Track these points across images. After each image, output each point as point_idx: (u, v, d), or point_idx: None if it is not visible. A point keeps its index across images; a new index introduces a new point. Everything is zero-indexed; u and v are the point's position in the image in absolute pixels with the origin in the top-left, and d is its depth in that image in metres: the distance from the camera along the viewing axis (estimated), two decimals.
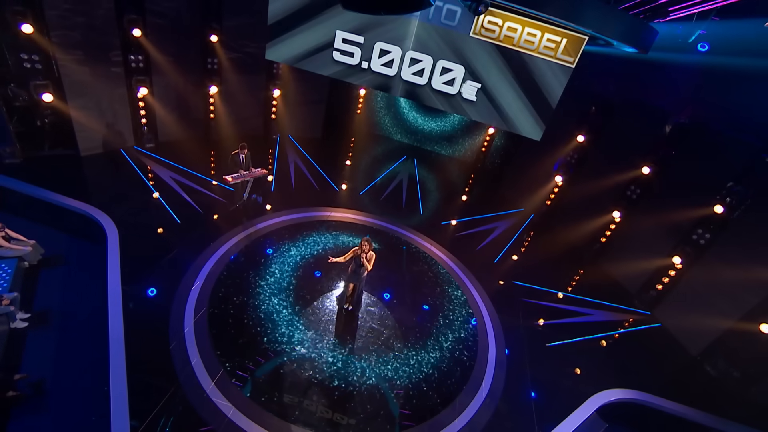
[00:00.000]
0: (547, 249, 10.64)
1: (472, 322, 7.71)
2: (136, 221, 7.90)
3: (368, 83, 5.50)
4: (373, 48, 5.13)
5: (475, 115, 5.43)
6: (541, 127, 5.47)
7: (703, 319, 8.12)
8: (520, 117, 5.41)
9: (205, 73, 10.86)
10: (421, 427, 5.60)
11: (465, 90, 5.26)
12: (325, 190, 10.94)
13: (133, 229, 7.58)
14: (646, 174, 9.40)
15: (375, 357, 6.42)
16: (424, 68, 5.19)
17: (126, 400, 4.86)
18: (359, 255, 6.32)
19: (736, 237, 7.92)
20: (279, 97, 12.25)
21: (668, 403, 6.96)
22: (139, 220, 8.00)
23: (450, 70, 5.14)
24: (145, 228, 7.86)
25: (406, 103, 14.83)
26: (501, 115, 5.39)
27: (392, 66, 5.21)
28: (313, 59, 5.49)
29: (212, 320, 6.31)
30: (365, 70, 5.34)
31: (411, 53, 5.09)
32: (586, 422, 6.25)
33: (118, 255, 6.89)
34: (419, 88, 5.36)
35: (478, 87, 5.19)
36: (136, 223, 7.84)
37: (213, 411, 5.06)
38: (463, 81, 5.19)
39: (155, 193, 8.87)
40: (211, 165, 10.66)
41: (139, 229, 7.75)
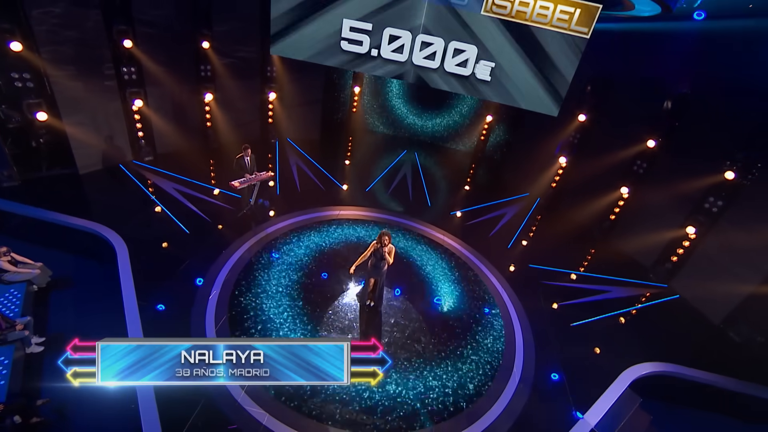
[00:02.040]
0: (558, 230, 10.55)
1: (495, 308, 7.58)
2: (145, 235, 7.66)
3: (379, 71, 5.33)
4: (382, 34, 4.96)
5: (490, 95, 5.29)
6: (557, 103, 5.35)
7: (722, 286, 8.06)
8: (535, 94, 5.28)
9: (200, 81, 10.61)
10: (458, 417, 5.46)
11: (479, 70, 5.12)
12: (331, 189, 10.75)
13: (142, 244, 7.34)
14: (652, 147, 9.34)
15: (403, 351, 6.26)
16: (435, 51, 5.04)
17: (157, 417, 4.65)
18: (378, 249, 6.17)
19: (748, 201, 7.87)
20: (275, 100, 12.04)
21: (698, 373, 6.90)
22: (147, 234, 7.76)
23: (462, 51, 4.99)
24: (155, 241, 7.62)
25: (401, 96, 14.67)
26: (516, 93, 5.26)
27: (403, 51, 5.05)
28: (320, 50, 5.31)
29: (234, 327, 6.11)
30: (375, 57, 5.17)
31: (422, 37, 4.93)
32: (621, 398, 6.16)
33: (130, 271, 6.66)
34: (432, 73, 5.21)
35: (492, 66, 5.05)
36: (144, 237, 7.60)
37: (247, 419, 4.87)
38: (477, 61, 5.05)
39: (160, 205, 8.62)
40: (211, 174, 10.40)
41: (149, 242, 7.52)
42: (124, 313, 5.86)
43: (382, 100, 14.80)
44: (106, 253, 7.08)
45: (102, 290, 6.41)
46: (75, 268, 6.91)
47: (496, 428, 5.39)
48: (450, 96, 14.34)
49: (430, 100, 14.46)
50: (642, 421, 5.95)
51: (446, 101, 14.49)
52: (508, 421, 5.52)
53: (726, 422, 6.35)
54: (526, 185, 12.40)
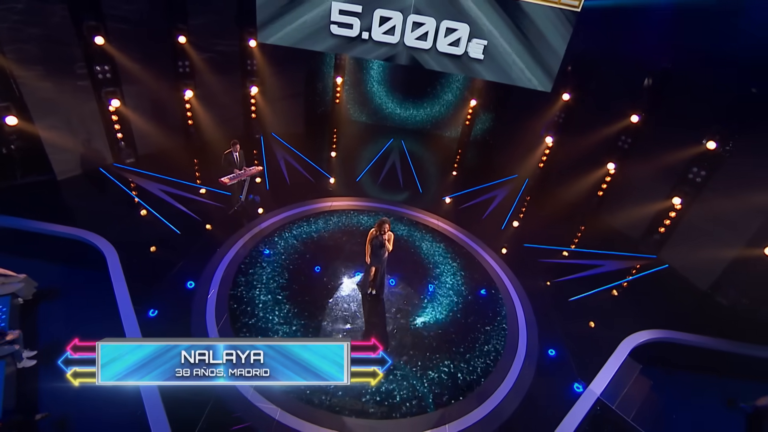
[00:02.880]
0: (549, 209, 10.70)
1: (494, 288, 7.64)
2: (134, 239, 7.37)
3: (371, 55, 5.19)
4: (372, 16, 4.83)
5: (483, 73, 5.23)
6: (550, 78, 5.33)
7: (708, 253, 8.31)
8: (528, 70, 5.24)
9: (178, 78, 10.20)
10: (469, 397, 5.49)
11: (471, 49, 5.04)
12: (321, 181, 10.59)
13: (132, 248, 7.07)
14: (635, 122, 9.50)
15: (408, 336, 6.25)
16: (427, 31, 4.94)
17: (166, 422, 4.51)
18: (378, 236, 6.10)
19: (730, 169, 8.10)
20: (257, 94, 11.71)
21: (691, 337, 7.14)
22: (136, 237, 7.46)
23: (454, 30, 4.90)
24: (145, 244, 7.34)
25: (383, 85, 14.48)
26: (510, 70, 5.21)
27: (394, 33, 4.93)
28: (309, 35, 5.14)
29: (236, 326, 5.96)
30: (366, 40, 5.04)
31: (413, 17, 4.82)
32: (622, 366, 6.31)
33: (123, 276, 6.40)
34: (424, 53, 5.11)
35: (484, 44, 4.98)
36: (134, 240, 7.31)
37: (259, 416, 4.77)
38: (469, 40, 4.97)
39: (147, 208, 8.29)
40: (197, 174, 10.06)
41: (139, 246, 7.24)
42: (120, 319, 5.64)
43: (364, 90, 14.59)
44: (95, 260, 6.78)
45: (94, 297, 6.14)
46: (62, 277, 6.58)
47: (507, 405, 5.44)
48: (433, 83, 14.26)
49: (413, 87, 14.35)
50: (643, 387, 6.12)
51: (429, 88, 14.40)
52: (517, 397, 5.59)
53: (720, 381, 6.58)
54: (514, 167, 12.49)
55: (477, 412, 5.27)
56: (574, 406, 5.48)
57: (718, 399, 6.20)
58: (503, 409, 5.38)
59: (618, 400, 5.75)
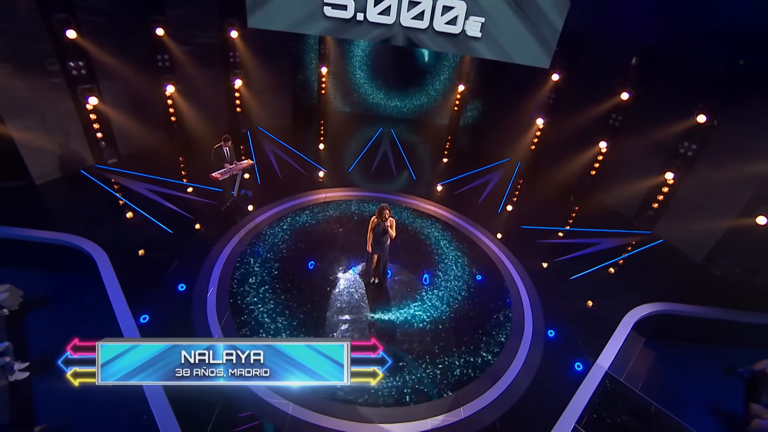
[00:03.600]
0: (543, 191, 10.83)
1: (496, 271, 7.67)
2: (125, 240, 7.11)
3: (366, 36, 5.07)
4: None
5: (482, 51, 5.16)
6: (548, 53, 5.29)
7: (702, 225, 8.49)
8: (527, 46, 5.19)
9: (158, 72, 9.83)
10: (483, 377, 5.52)
11: (469, 27, 4.96)
12: (313, 173, 10.43)
13: (124, 250, 6.82)
14: (625, 100, 9.60)
15: (415, 323, 6.23)
16: (423, 10, 4.84)
17: (176, 425, 4.39)
18: (379, 223, 6.02)
19: (720, 142, 8.26)
20: (242, 87, 11.41)
21: (690, 308, 7.32)
22: (127, 239, 7.20)
23: (451, 7, 4.81)
24: (137, 246, 7.08)
25: (369, 74, 14.29)
26: (508, 47, 5.15)
27: (390, 13, 4.81)
28: (301, 18, 4.98)
29: (239, 323, 5.83)
30: (361, 22, 4.90)
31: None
32: (626, 340, 6.43)
33: (116, 279, 6.19)
34: (421, 34, 5.01)
35: (482, 22, 4.90)
36: (125, 242, 7.05)
37: (271, 412, 4.69)
38: (466, 17, 4.89)
39: (135, 208, 8.01)
40: (182, 173, 9.74)
41: (131, 247, 6.99)
42: (117, 324, 5.45)
43: (349, 80, 14.38)
44: (84, 265, 6.52)
45: (87, 303, 5.91)
46: (50, 284, 6.31)
47: (519, 384, 5.49)
48: (418, 69, 14.13)
49: (399, 75, 14.22)
50: (648, 358, 6.25)
51: (415, 75, 14.27)
52: (528, 375, 5.64)
53: (719, 349, 6.77)
54: (506, 150, 12.55)
55: (489, 393, 5.30)
56: (583, 382, 5.56)
57: (717, 366, 6.39)
58: (515, 388, 5.42)
59: (625, 372, 5.86)
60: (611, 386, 5.52)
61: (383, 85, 14.53)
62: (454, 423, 4.85)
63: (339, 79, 14.26)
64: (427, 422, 4.82)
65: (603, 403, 5.24)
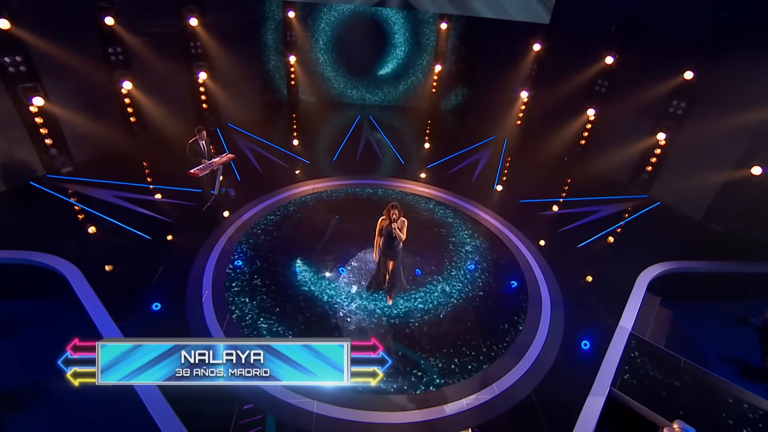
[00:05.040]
0: (535, 164, 11.12)
1: (503, 247, 7.75)
2: (98, 253, 6.66)
3: None
4: None
5: (482, 11, 5.19)
6: (547, 10, 5.38)
7: (698, 182, 8.91)
8: (525, 3, 5.26)
9: (112, 67, 9.32)
10: (510, 351, 5.55)
11: None
12: (296, 166, 10.20)
13: (98, 262, 6.40)
14: (610, 64, 9.95)
15: (432, 306, 6.18)
16: None
17: None
18: (388, 225, 5.40)
19: (707, 96, 8.69)
20: (207, 80, 11.01)
21: (698, 264, 7.68)
22: (100, 250, 6.74)
23: None
24: (113, 257, 6.64)
25: (337, 59, 14.15)
26: (508, 4, 5.20)
27: None
28: None
29: (242, 323, 5.59)
30: None
31: None
32: (643, 301, 6.64)
33: (94, 293, 5.78)
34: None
35: None
36: (98, 254, 6.61)
37: (295, 412, 4.51)
38: None
39: (105, 217, 7.52)
40: (148, 177, 9.27)
41: (106, 259, 6.55)
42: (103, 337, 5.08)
43: (320, 68, 14.21)
44: (53, 283, 6.06)
45: (63, 325, 5.48)
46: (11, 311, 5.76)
47: (547, 354, 5.55)
48: (392, 52, 14.12)
49: (372, 59, 14.18)
50: (667, 316, 6.48)
51: (388, 58, 14.26)
52: (554, 344, 5.71)
53: (730, 302, 7.14)
54: (492, 128, 12.77)
55: (519, 367, 5.33)
56: (610, 345, 5.69)
57: (730, 319, 6.72)
58: (544, 359, 5.48)
59: (648, 331, 6.05)
60: (638, 346, 5.67)
61: (355, 71, 14.44)
62: (489, 400, 4.84)
63: (308, 67, 14.04)
64: (462, 402, 4.78)
65: (633, 363, 5.37)
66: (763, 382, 5.57)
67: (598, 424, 4.64)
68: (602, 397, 4.91)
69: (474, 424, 4.54)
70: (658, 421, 4.63)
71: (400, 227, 5.41)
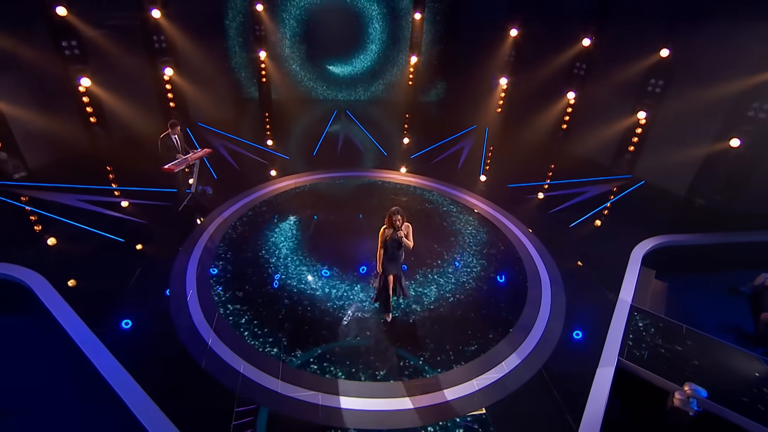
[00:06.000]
0: (520, 149, 11.40)
1: (496, 230, 7.86)
2: (65, 260, 6.28)
3: None
4: None
5: None
6: None
7: (679, 158, 9.33)
8: None
9: (67, 62, 8.91)
10: (516, 330, 5.59)
11: None
12: (274, 162, 10.04)
13: (66, 270, 6.03)
14: (587, 46, 10.33)
15: (435, 292, 6.18)
16: None
17: None
18: (393, 234, 4.93)
19: (683, 72, 9.14)
20: (174, 77, 10.71)
21: (688, 237, 8.03)
22: (66, 258, 6.36)
23: None
24: (83, 262, 6.27)
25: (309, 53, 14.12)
26: None
27: None
28: None
29: (234, 320, 5.40)
30: None
31: None
32: (639, 275, 6.86)
33: (66, 303, 5.43)
34: None
35: None
36: (64, 262, 6.24)
37: (301, 407, 4.38)
38: None
39: (70, 222, 7.11)
40: (113, 180, 8.90)
41: (75, 266, 6.19)
42: (81, 350, 4.78)
43: (292, 63, 14.12)
44: (18, 295, 5.67)
45: (34, 337, 5.14)
46: None
47: (552, 330, 5.63)
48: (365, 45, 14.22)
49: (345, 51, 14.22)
50: (662, 289, 6.73)
51: (362, 51, 14.34)
52: (559, 320, 5.81)
53: (720, 273, 7.50)
54: (473, 118, 13.02)
55: (526, 344, 5.38)
56: (613, 317, 5.83)
57: (721, 287, 7.05)
58: (550, 335, 5.55)
59: (648, 302, 6.25)
60: (640, 316, 5.84)
61: (329, 65, 14.42)
62: (500, 378, 4.85)
63: (280, 63, 13.92)
64: (473, 383, 4.77)
65: (637, 333, 5.51)
66: (759, 347, 5.83)
67: (610, 393, 4.72)
68: (611, 368, 5.00)
69: (486, 404, 4.53)
70: (668, 387, 4.77)
71: (406, 234, 5.00)
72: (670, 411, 4.53)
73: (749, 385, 4.79)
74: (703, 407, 4.48)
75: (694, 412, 4.37)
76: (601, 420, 4.38)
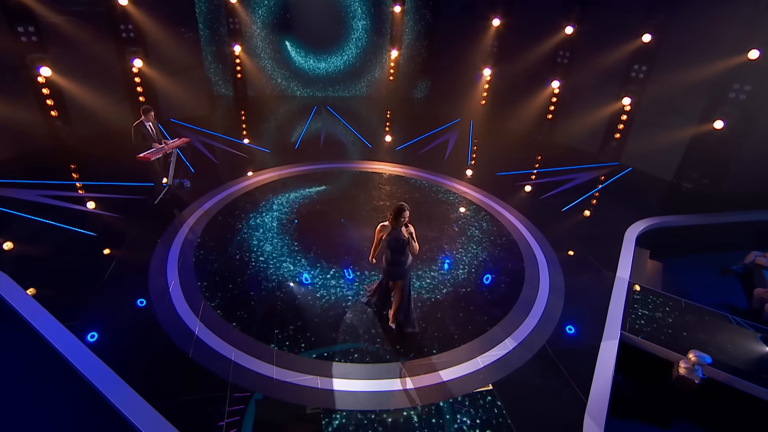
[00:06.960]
0: (506, 139, 11.71)
1: (489, 216, 7.97)
2: (31, 257, 5.99)
3: None
4: None
5: None
6: None
7: (664, 143, 9.72)
8: None
9: (24, 50, 8.57)
10: (516, 308, 5.65)
11: None
12: (255, 155, 9.93)
13: (32, 268, 5.73)
14: (570, 34, 10.70)
15: (434, 275, 6.19)
16: None
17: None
18: (399, 234, 4.37)
19: (665, 56, 9.55)
20: (143, 69, 10.46)
21: (679, 218, 8.37)
22: (33, 255, 6.06)
23: None
24: (50, 258, 5.99)
25: (286, 46, 14.13)
26: None
27: None
28: None
29: (223, 309, 5.25)
30: None
31: None
32: (635, 255, 7.07)
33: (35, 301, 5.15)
34: None
35: None
36: (31, 259, 5.95)
37: (298, 391, 4.27)
38: None
39: (32, 218, 6.79)
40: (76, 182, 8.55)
41: (41, 261, 5.90)
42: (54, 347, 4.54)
43: (267, 58, 14.08)
44: None
45: None
46: None
47: (553, 307, 5.72)
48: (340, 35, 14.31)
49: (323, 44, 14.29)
50: (656, 268, 6.95)
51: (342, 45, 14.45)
52: (559, 298, 5.90)
53: (712, 252, 7.83)
54: (457, 110, 13.26)
55: (528, 322, 5.44)
56: (612, 293, 5.97)
57: (713, 265, 7.35)
58: (551, 312, 5.63)
59: (645, 279, 6.44)
60: (638, 293, 6.00)
61: (306, 59, 14.45)
62: (504, 355, 4.87)
63: (255, 57, 13.84)
64: (477, 360, 4.77)
65: (638, 308, 5.66)
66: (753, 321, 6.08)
67: (615, 365, 4.81)
68: (615, 341, 5.10)
69: (493, 380, 4.54)
70: (672, 357, 4.90)
71: (414, 235, 4.41)
72: (676, 380, 4.65)
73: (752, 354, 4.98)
74: (708, 375, 4.62)
75: (699, 380, 4.50)
76: (609, 391, 4.45)
